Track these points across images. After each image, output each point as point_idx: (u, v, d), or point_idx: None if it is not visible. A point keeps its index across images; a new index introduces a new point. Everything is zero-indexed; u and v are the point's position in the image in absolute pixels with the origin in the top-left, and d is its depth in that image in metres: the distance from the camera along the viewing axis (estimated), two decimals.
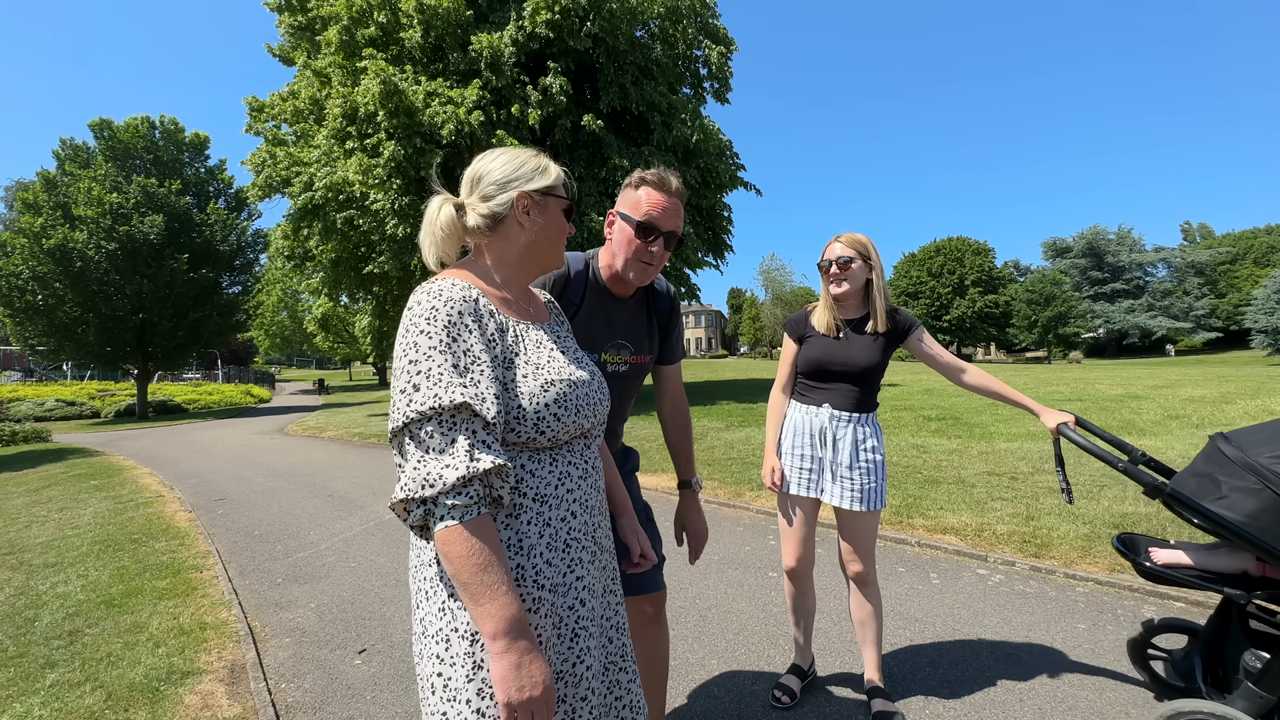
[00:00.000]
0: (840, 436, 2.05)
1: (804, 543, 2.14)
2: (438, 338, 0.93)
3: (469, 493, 0.86)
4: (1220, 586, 1.68)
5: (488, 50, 11.07)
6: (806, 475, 2.10)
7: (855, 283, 2.02)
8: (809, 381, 2.15)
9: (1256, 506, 1.55)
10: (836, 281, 2.03)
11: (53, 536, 4.95)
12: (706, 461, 6.60)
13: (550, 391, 1.00)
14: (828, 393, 2.09)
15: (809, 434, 2.10)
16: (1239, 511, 1.57)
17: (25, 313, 18.31)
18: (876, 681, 2.14)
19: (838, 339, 2.08)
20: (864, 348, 2.04)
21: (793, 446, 2.13)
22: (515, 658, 0.84)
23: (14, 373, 36.42)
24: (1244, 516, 1.56)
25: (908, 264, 57.97)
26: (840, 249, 2.02)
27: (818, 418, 2.09)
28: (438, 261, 1.09)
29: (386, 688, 2.45)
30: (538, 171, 1.10)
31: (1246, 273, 51.50)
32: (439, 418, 0.88)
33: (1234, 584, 1.68)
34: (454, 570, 0.85)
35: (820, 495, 2.10)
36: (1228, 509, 1.59)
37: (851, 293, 2.04)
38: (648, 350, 1.63)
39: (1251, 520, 1.55)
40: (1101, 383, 13.60)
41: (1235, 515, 1.57)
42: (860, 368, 2.04)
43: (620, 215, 1.44)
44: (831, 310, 2.10)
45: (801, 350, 2.15)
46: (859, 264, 2.01)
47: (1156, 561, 1.82)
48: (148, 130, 20.78)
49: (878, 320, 2.02)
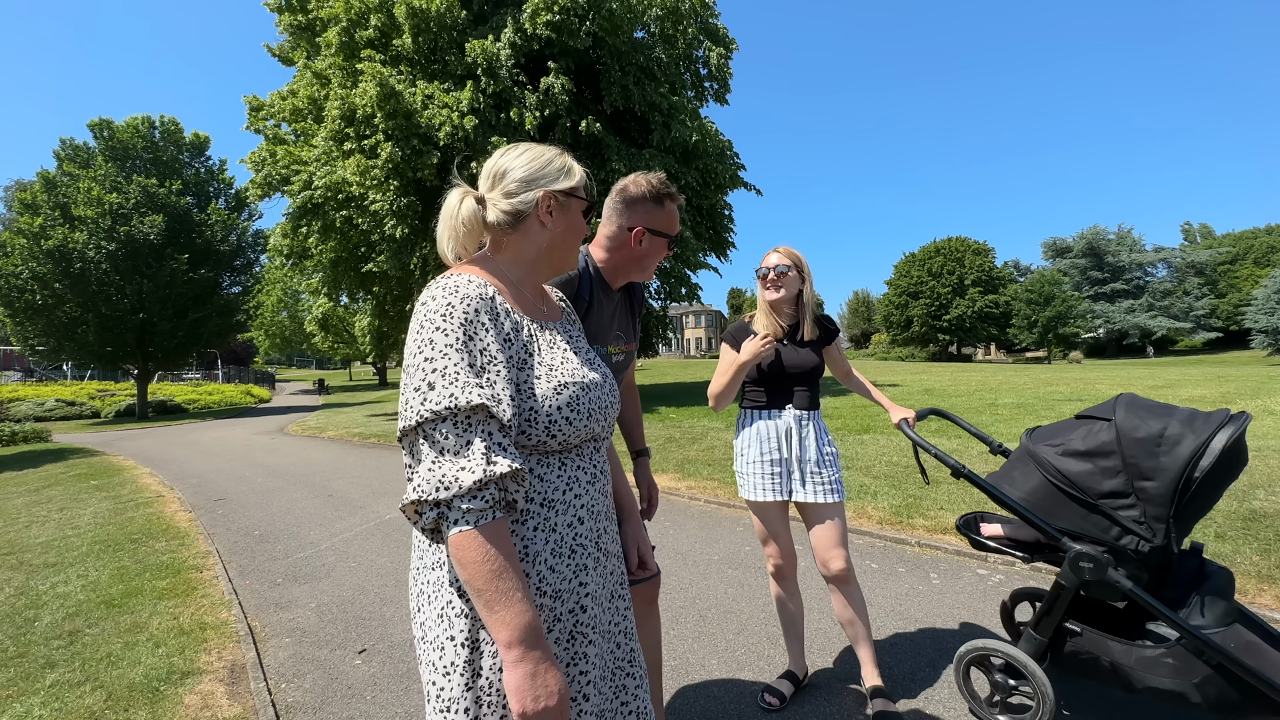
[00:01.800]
0: (805, 435, 2.16)
1: (786, 542, 2.21)
2: (454, 335, 0.90)
3: (485, 497, 0.84)
4: (1018, 553, 1.98)
5: (483, 57, 11.07)
6: (776, 479, 2.16)
7: (790, 290, 2.16)
8: (761, 387, 2.21)
9: (1031, 486, 1.88)
10: (774, 288, 2.16)
11: (53, 536, 4.95)
12: (707, 461, 6.60)
13: (563, 394, 0.98)
14: (784, 396, 2.18)
15: (775, 438, 2.16)
16: (1019, 490, 1.89)
17: (25, 313, 18.31)
18: (876, 681, 2.14)
19: (783, 344, 2.19)
20: (805, 352, 2.19)
21: (760, 454, 2.17)
22: (530, 667, 0.82)
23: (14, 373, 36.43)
24: (1022, 494, 1.88)
25: (907, 264, 57.92)
26: (777, 259, 2.17)
27: (782, 421, 2.17)
28: (455, 255, 1.07)
29: (386, 688, 2.45)
30: (563, 172, 1.09)
31: (1246, 273, 51.49)
32: (455, 418, 0.86)
33: (1027, 550, 2.00)
34: (468, 576, 0.83)
35: (790, 496, 2.16)
36: (1012, 489, 1.91)
37: (786, 299, 2.17)
38: (634, 337, 1.72)
39: (1027, 496, 1.87)
40: (1101, 383, 13.60)
41: (1016, 493, 1.89)
42: (810, 368, 2.17)
43: (652, 231, 1.51)
44: (773, 317, 2.21)
45: None
46: (793, 274, 2.15)
47: (983, 534, 2.12)
48: (148, 130, 20.77)
49: (806, 328, 2.18)
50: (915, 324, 55.53)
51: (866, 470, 5.59)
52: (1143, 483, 1.73)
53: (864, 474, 5.47)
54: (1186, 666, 1.66)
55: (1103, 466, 1.78)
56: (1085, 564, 1.75)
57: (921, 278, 55.60)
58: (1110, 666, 1.78)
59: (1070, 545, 1.79)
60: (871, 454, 6.21)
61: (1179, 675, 1.67)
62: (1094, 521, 1.78)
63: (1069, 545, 1.79)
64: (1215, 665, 1.62)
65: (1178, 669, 1.68)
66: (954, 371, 21.93)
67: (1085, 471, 1.80)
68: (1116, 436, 1.79)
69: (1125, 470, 1.75)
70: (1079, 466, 1.81)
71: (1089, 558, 1.75)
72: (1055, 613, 1.86)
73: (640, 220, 1.50)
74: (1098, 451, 1.80)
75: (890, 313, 58.53)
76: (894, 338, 60.00)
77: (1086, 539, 1.80)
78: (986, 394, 11.94)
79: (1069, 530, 1.82)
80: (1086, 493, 1.79)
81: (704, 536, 4.26)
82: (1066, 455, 1.85)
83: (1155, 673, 1.70)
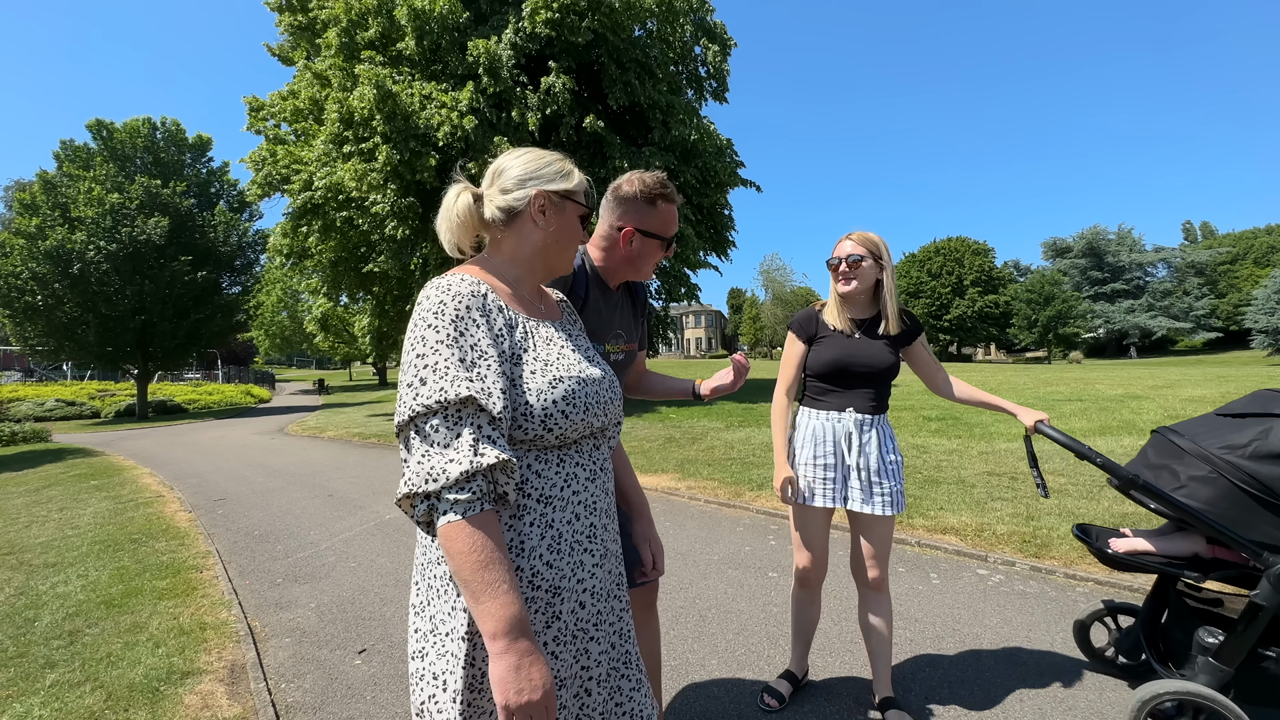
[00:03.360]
0: (867, 440, 1.98)
1: (821, 552, 2.08)
2: (444, 332, 0.92)
3: (473, 488, 0.85)
4: (1180, 569, 1.82)
5: (484, 56, 11.07)
6: (829, 485, 2.00)
7: (865, 282, 1.97)
8: (825, 384, 2.04)
9: (1213, 494, 1.70)
10: (846, 280, 1.97)
11: (53, 536, 4.95)
12: (706, 461, 6.60)
13: (559, 388, 0.99)
14: (847, 396, 2.00)
15: (831, 441, 2.00)
16: (1198, 499, 1.71)
17: (24, 313, 18.30)
18: (889, 693, 2.09)
19: (853, 339, 2.00)
20: (881, 348, 1.98)
21: (814, 456, 2.01)
22: (514, 659, 0.82)
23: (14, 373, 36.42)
24: (1203, 504, 1.70)
25: (907, 264, 57.94)
26: (851, 246, 1.97)
27: (841, 424, 2.00)
28: (454, 248, 1.10)
29: (386, 688, 2.45)
30: (560, 174, 1.10)
31: (1246, 273, 51.51)
32: (444, 412, 0.87)
33: (1191, 567, 1.83)
34: (455, 566, 0.84)
35: (843, 504, 2.01)
36: (1188, 497, 1.72)
37: (860, 291, 1.98)
38: (635, 338, 1.69)
39: (1209, 506, 1.70)
40: (1101, 383, 13.60)
41: (1197, 503, 1.71)
42: (882, 368, 1.98)
43: (642, 233, 1.47)
44: (843, 309, 2.02)
45: (814, 351, 2.05)
46: (870, 263, 1.95)
47: (1118, 549, 1.95)
48: (149, 131, 20.78)
49: (889, 321, 1.97)
50: None
51: None
52: None
53: None
54: None
55: None
56: None
57: (921, 278, 55.60)
58: None
59: (1272, 560, 1.62)
60: None
61: None
62: None
63: (1271, 560, 1.62)
64: None
65: None
66: (954, 371, 21.87)
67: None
68: None
69: None
70: (1275, 471, 1.64)
71: None
72: (1248, 638, 1.68)
73: (630, 220, 1.47)
74: None
75: None
76: None
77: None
78: None
79: (1266, 543, 1.65)
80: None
81: (704, 536, 4.26)
82: (1258, 458, 1.67)
83: None
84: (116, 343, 19.57)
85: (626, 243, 1.48)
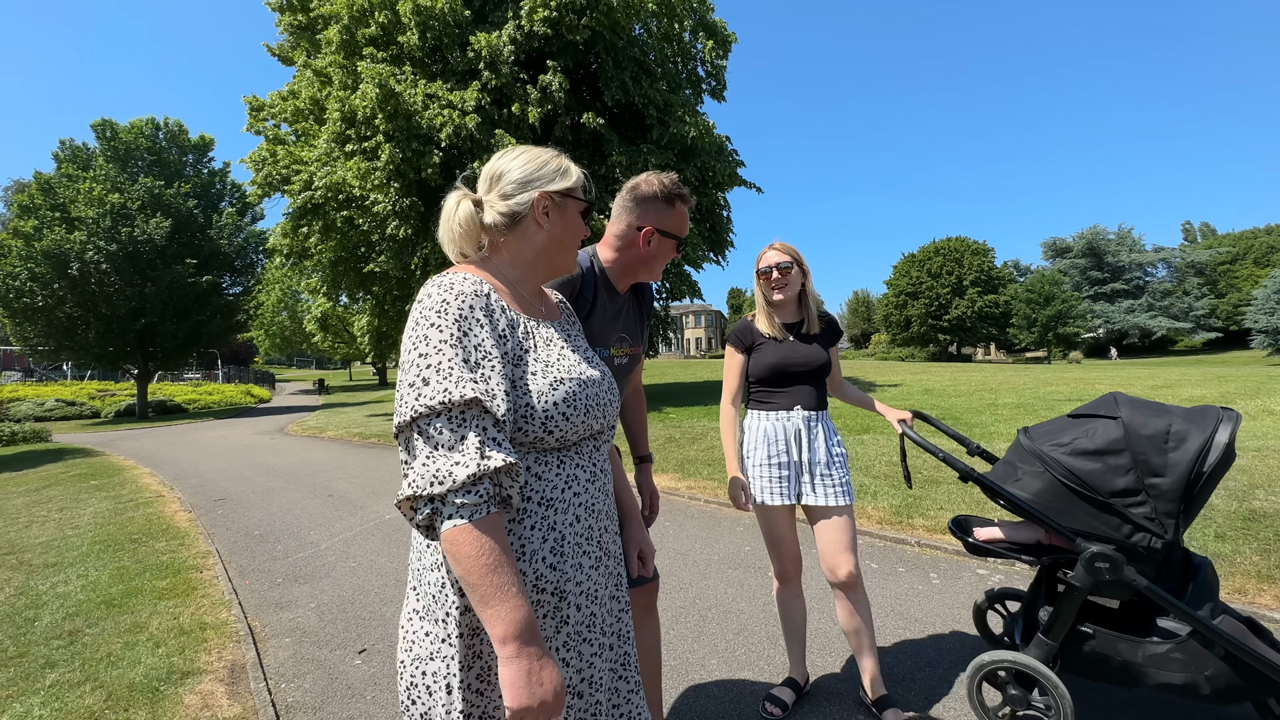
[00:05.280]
0: (814, 436, 2.10)
1: (792, 546, 2.16)
2: (448, 331, 0.91)
3: (479, 491, 0.83)
4: (1021, 556, 2.00)
5: (487, 50, 11.07)
6: (784, 483, 2.09)
7: (794, 287, 2.12)
8: (768, 388, 2.16)
9: (1040, 486, 1.86)
10: (778, 287, 2.11)
11: (53, 536, 4.95)
12: (706, 461, 6.60)
13: (559, 390, 0.98)
14: (792, 395, 2.13)
15: (783, 440, 2.10)
16: (1028, 491, 1.88)
17: (24, 313, 18.31)
18: (882, 691, 2.09)
19: (787, 342, 2.14)
20: (813, 348, 2.14)
21: (767, 456, 2.11)
22: (526, 663, 0.81)
23: (14, 373, 36.42)
24: (1031, 495, 1.87)
25: (907, 264, 57.90)
26: (777, 255, 2.11)
27: (790, 422, 2.10)
28: (458, 256, 1.09)
29: (386, 688, 2.45)
30: (559, 173, 1.09)
31: (1246, 273, 51.50)
32: (449, 413, 0.86)
33: (1031, 553, 2.01)
34: (462, 571, 0.82)
35: (798, 500, 2.10)
36: (1020, 489, 1.89)
37: (790, 298, 2.14)
38: (641, 341, 1.68)
39: (1036, 498, 1.86)
40: (1101, 383, 13.60)
41: (1025, 494, 1.87)
42: (817, 365, 2.12)
43: (661, 232, 1.48)
44: (774, 316, 2.17)
45: (754, 358, 2.17)
46: (796, 270, 2.11)
47: (979, 538, 2.10)
48: (152, 132, 20.78)
49: (811, 322, 2.14)
50: (914, 324, 55.51)
51: (866, 470, 5.59)
52: (1153, 479, 1.73)
53: (864, 474, 5.47)
54: (1197, 659, 1.67)
55: (1113, 464, 1.77)
56: (1101, 564, 1.73)
57: (920, 278, 55.57)
58: (1121, 666, 1.78)
59: (1085, 545, 1.77)
60: (871, 454, 6.21)
61: (1189, 668, 1.68)
62: (1105, 520, 1.78)
63: (1083, 545, 1.77)
64: (1223, 655, 1.64)
65: (1188, 663, 1.68)
66: (954, 371, 21.92)
67: (1096, 470, 1.79)
68: (1125, 434, 1.78)
69: (1135, 468, 1.75)
70: (1090, 465, 1.80)
71: (1105, 557, 1.73)
72: (1067, 616, 1.84)
73: (650, 220, 1.47)
74: (1107, 449, 1.79)
75: (890, 313, 58.53)
76: (893, 338, 60.02)
77: (1097, 538, 1.78)
78: (986, 394, 11.94)
79: (1081, 530, 1.80)
80: (1098, 491, 1.78)
81: (704, 536, 4.26)
82: (1076, 454, 1.83)
83: (1166, 668, 1.71)
84: (117, 343, 19.58)
85: (646, 242, 1.48)
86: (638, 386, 1.87)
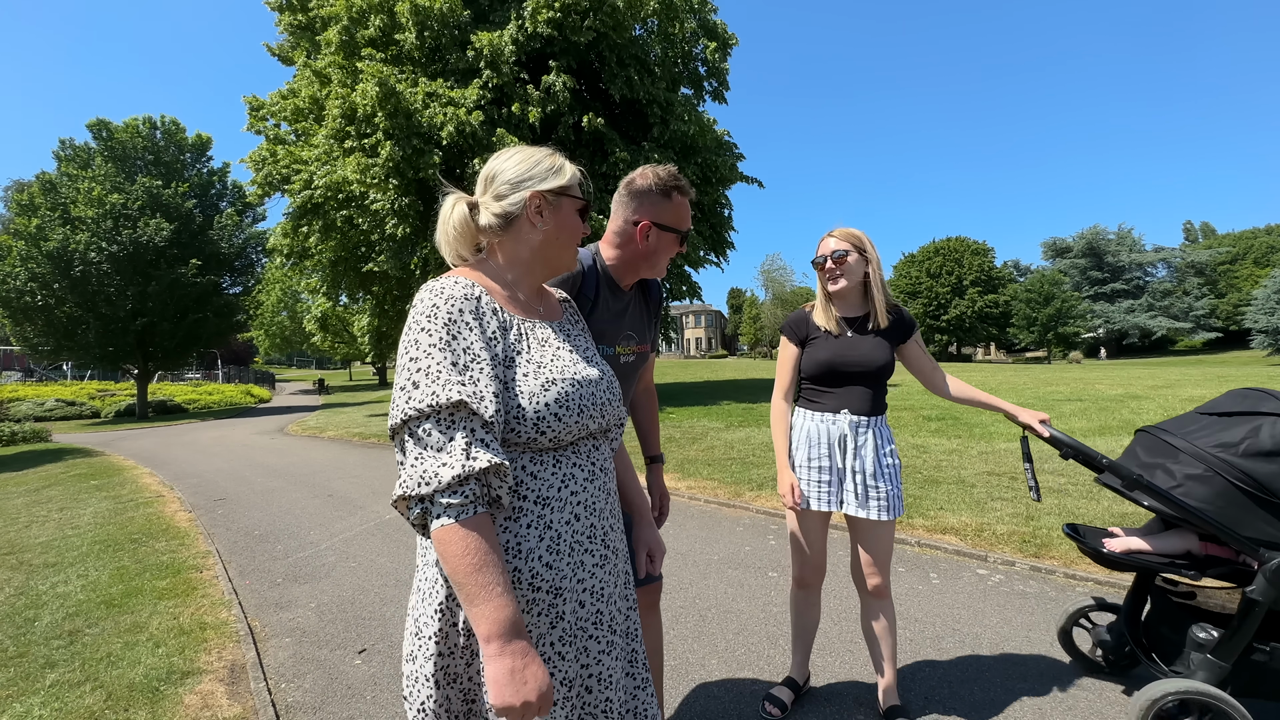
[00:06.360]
0: (862, 443, 1.93)
1: (819, 555, 2.05)
2: (437, 335, 0.92)
3: (465, 491, 0.85)
4: (1176, 567, 1.83)
5: (488, 49, 11.07)
6: (825, 488, 1.96)
7: (853, 277, 1.93)
8: (819, 386, 2.00)
9: (1210, 492, 1.71)
10: (833, 277, 1.94)
11: (53, 536, 4.94)
12: (707, 461, 6.60)
13: (551, 391, 0.98)
14: (842, 397, 1.96)
15: (827, 443, 1.96)
16: (1196, 497, 1.72)
17: (24, 313, 18.30)
18: (896, 701, 2.05)
19: (844, 338, 1.96)
20: (873, 346, 1.94)
21: (808, 459, 1.97)
22: (510, 661, 0.82)
23: (14, 373, 36.41)
24: (1201, 501, 1.71)
25: (907, 264, 57.94)
26: (834, 243, 1.94)
27: (835, 425, 1.95)
28: (455, 259, 1.10)
29: (386, 688, 2.45)
30: (552, 171, 1.09)
31: (1246, 273, 51.54)
32: (437, 415, 0.87)
33: (1185, 563, 1.84)
34: (449, 569, 0.84)
35: (839, 508, 1.97)
36: (1186, 496, 1.73)
37: (849, 288, 1.94)
38: (647, 339, 1.65)
39: (1207, 504, 1.71)
40: (1101, 383, 13.61)
41: (1194, 501, 1.72)
42: (875, 367, 1.92)
43: (659, 226, 1.45)
44: (832, 309, 1.99)
45: (806, 352, 2.01)
46: (855, 257, 1.92)
47: (1114, 549, 1.95)
48: (148, 131, 20.74)
49: (878, 316, 1.93)
50: None
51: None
52: None
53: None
54: None
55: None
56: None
57: (920, 278, 55.61)
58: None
59: (1269, 555, 1.63)
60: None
61: None
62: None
63: (1268, 555, 1.63)
64: None
65: None
66: (954, 371, 21.90)
67: (1274, 472, 1.64)
68: None
69: None
70: (1269, 468, 1.65)
71: None
72: (1245, 634, 1.69)
73: (646, 214, 1.44)
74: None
75: None
76: None
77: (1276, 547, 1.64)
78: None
79: (1262, 539, 1.66)
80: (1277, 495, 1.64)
81: (704, 536, 4.26)
82: (1250, 456, 1.68)
83: None
84: (116, 343, 19.56)
85: (643, 237, 1.45)
86: (649, 385, 1.83)
